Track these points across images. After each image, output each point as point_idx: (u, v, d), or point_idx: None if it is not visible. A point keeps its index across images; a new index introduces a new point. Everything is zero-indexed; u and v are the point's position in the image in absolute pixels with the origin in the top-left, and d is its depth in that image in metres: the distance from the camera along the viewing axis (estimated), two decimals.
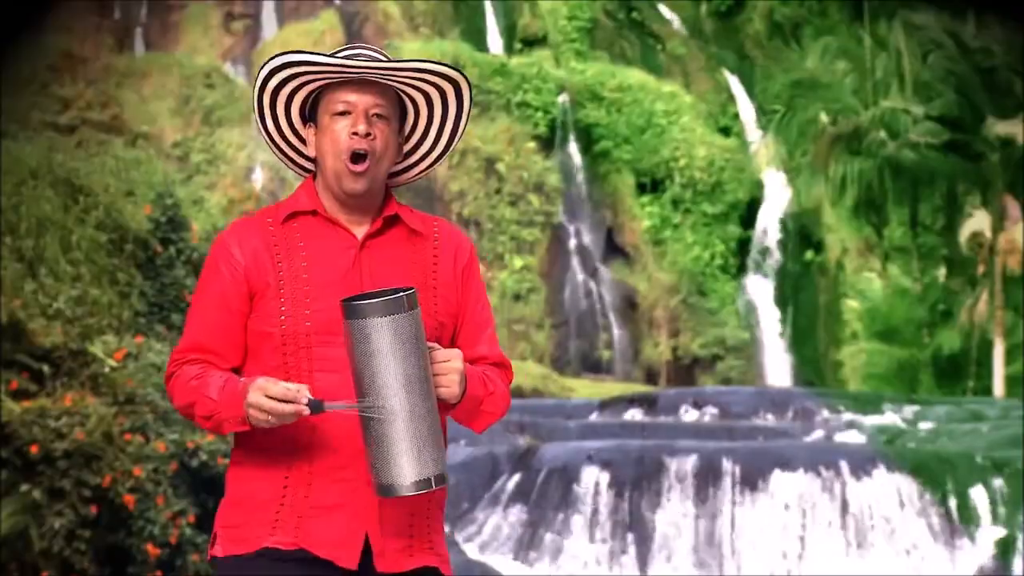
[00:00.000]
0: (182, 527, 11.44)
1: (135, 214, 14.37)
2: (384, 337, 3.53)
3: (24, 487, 10.82)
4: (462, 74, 3.83)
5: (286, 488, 3.76)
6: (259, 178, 32.87)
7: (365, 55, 3.81)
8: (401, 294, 3.55)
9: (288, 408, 3.55)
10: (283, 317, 3.74)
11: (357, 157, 3.76)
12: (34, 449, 10.83)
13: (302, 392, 3.55)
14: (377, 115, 3.78)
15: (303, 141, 3.91)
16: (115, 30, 36.92)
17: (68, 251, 13.35)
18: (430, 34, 37.98)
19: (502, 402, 3.87)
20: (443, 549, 3.88)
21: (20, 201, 13.48)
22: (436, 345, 3.68)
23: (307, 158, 3.93)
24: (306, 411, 3.55)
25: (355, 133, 3.75)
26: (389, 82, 3.80)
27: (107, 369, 11.83)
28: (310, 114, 3.85)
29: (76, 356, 11.68)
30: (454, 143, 3.98)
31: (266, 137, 3.94)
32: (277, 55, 3.77)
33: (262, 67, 3.80)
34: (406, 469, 3.56)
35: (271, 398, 3.55)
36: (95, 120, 30.95)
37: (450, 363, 3.67)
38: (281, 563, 3.73)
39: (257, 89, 3.83)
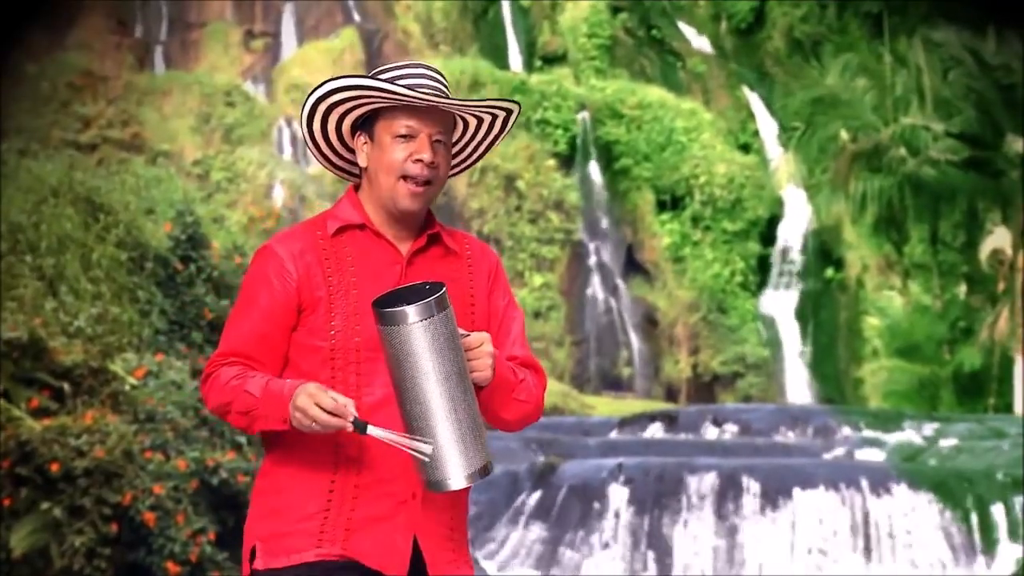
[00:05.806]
0: (202, 545, 11.44)
1: (155, 232, 14.41)
2: (420, 341, 3.54)
3: (44, 505, 10.82)
4: (518, 106, 3.91)
5: (330, 501, 3.77)
6: (279, 196, 32.90)
7: (429, 84, 3.81)
8: (432, 297, 3.55)
9: (334, 422, 3.56)
10: (333, 332, 3.76)
11: (419, 182, 3.79)
12: (54, 467, 10.83)
13: (349, 409, 3.56)
14: (438, 140, 3.82)
15: (345, 146, 3.92)
16: (135, 49, 37.01)
17: (88, 269, 13.38)
18: (450, 52, 38.00)
19: (536, 391, 3.90)
20: (471, 559, 3.96)
21: (41, 219, 13.52)
22: (464, 332, 3.68)
23: (348, 162, 3.95)
24: (349, 428, 3.56)
25: (419, 160, 3.78)
26: (454, 111, 3.85)
27: (127, 387, 11.85)
28: (364, 123, 3.85)
29: (96, 374, 11.69)
30: (480, 159, 4.05)
31: (306, 134, 3.90)
32: (347, 76, 3.77)
33: (327, 82, 3.79)
34: (455, 466, 3.61)
35: (320, 407, 3.55)
36: (115, 138, 31.09)
37: (482, 347, 3.69)
38: (329, 574, 3.74)
39: (314, 99, 3.81)
